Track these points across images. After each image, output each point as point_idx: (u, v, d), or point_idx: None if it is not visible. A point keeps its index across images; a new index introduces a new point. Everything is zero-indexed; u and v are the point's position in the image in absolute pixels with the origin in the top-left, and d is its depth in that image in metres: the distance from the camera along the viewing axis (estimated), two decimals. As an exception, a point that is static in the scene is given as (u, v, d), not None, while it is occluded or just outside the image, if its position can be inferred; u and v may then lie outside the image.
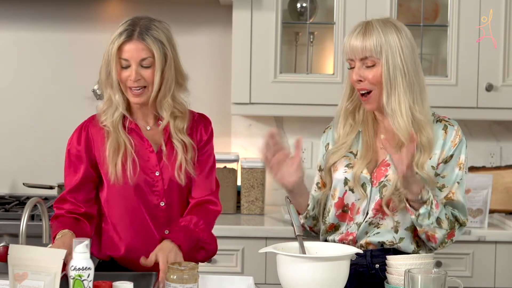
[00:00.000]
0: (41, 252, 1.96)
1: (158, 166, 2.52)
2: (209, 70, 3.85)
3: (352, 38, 2.36)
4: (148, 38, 2.46)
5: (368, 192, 2.40)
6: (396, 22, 2.40)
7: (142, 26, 2.48)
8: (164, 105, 2.52)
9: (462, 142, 2.41)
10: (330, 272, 2.12)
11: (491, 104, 3.55)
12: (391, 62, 2.33)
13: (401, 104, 2.33)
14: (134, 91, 2.47)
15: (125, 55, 2.45)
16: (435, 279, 2.02)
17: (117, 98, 2.50)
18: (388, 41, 2.33)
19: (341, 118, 2.48)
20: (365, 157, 2.42)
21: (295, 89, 3.56)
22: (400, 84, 2.33)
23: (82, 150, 2.52)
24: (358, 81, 2.36)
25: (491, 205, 3.50)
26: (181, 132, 2.54)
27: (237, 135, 3.87)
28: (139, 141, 2.53)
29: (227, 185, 3.65)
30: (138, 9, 3.81)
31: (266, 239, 3.31)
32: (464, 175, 2.41)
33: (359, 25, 2.39)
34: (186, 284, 2.04)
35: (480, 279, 3.36)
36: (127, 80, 2.46)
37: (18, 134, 3.88)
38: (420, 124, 2.35)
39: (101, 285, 2.09)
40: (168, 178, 2.52)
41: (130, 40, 2.45)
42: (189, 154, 2.54)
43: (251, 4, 3.53)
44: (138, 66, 2.45)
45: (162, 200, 2.52)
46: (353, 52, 2.35)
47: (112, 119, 2.51)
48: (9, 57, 3.86)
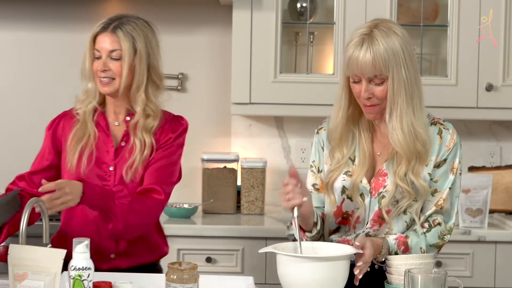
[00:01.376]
0: (41, 252, 1.96)
1: (114, 161, 2.58)
2: (209, 70, 3.85)
3: (359, 56, 2.27)
4: (120, 32, 2.56)
5: (366, 202, 2.39)
6: (395, 27, 2.34)
7: (120, 21, 2.59)
8: (137, 99, 2.58)
9: (457, 145, 2.40)
10: (330, 272, 2.12)
11: (491, 104, 3.54)
12: (396, 78, 2.28)
13: (402, 120, 2.30)
14: (102, 81, 2.56)
15: (97, 45, 2.57)
16: (435, 279, 2.02)
17: (90, 87, 2.59)
18: (394, 56, 2.27)
19: (342, 137, 2.41)
20: (363, 165, 2.39)
21: (295, 89, 3.56)
22: (403, 98, 2.30)
23: (49, 136, 2.64)
24: (368, 98, 2.32)
25: (491, 205, 3.50)
26: (146, 131, 2.58)
27: (237, 135, 3.87)
28: (103, 134, 2.61)
29: (227, 185, 3.65)
30: (138, 9, 3.81)
31: (266, 239, 3.31)
32: (457, 179, 2.40)
33: (361, 39, 2.29)
34: (186, 284, 2.04)
35: (480, 279, 3.36)
36: (97, 71, 2.56)
37: (18, 134, 3.88)
38: (419, 136, 2.33)
39: (101, 285, 2.09)
40: (120, 174, 2.57)
41: (103, 32, 2.57)
42: (144, 153, 2.57)
43: (251, 4, 3.53)
44: (107, 58, 2.55)
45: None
46: (361, 71, 2.28)
47: (85, 109, 2.60)
48: (9, 57, 3.86)
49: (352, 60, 2.29)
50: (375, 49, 2.27)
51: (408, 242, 2.34)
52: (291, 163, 3.84)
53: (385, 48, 2.27)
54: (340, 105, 2.40)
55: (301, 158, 3.84)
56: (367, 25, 2.33)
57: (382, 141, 2.43)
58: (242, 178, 3.65)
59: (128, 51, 2.54)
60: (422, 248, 2.36)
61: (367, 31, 2.30)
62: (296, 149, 3.86)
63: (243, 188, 3.64)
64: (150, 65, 2.59)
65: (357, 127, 2.42)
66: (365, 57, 2.27)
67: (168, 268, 2.07)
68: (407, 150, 2.32)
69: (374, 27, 2.31)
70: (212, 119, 3.86)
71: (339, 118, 2.40)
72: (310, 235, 2.39)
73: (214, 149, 3.83)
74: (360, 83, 2.32)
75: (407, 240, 2.34)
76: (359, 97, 2.33)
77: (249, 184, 3.64)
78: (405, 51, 2.30)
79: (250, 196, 3.64)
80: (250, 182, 3.64)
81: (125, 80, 2.55)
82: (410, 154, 2.32)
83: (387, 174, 2.38)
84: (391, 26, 2.33)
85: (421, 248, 2.36)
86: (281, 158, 3.86)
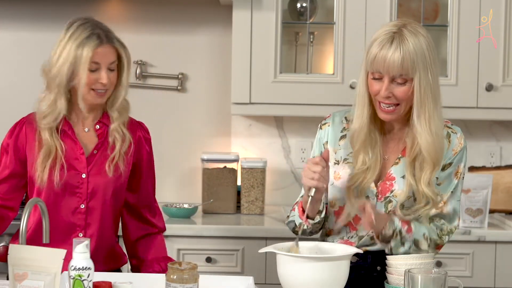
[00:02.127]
0: (41, 252, 1.96)
1: (86, 169, 2.54)
2: (209, 70, 3.85)
3: (388, 53, 2.24)
4: (117, 42, 2.53)
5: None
6: (421, 28, 2.30)
7: (103, 29, 2.52)
8: (118, 105, 2.56)
9: (463, 149, 2.39)
10: (330, 272, 2.12)
11: (491, 104, 3.54)
12: (424, 80, 2.26)
13: (431, 124, 2.28)
14: (98, 92, 2.51)
15: (96, 58, 2.48)
16: (435, 279, 2.02)
17: (62, 103, 2.52)
18: (422, 58, 2.25)
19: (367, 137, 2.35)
20: (375, 170, 2.36)
21: (295, 89, 3.56)
22: (430, 101, 2.28)
23: (11, 145, 2.58)
24: (388, 97, 2.29)
25: (491, 205, 3.50)
26: (123, 125, 2.57)
27: (237, 135, 3.87)
28: (70, 143, 2.55)
29: (227, 185, 3.65)
30: (138, 9, 3.81)
31: (266, 239, 3.31)
32: (460, 183, 2.40)
33: (390, 36, 2.25)
34: (186, 284, 2.04)
35: (480, 279, 3.35)
36: (95, 82, 2.49)
37: (18, 134, 3.87)
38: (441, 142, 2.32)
39: (101, 285, 2.09)
40: (94, 182, 2.54)
41: (102, 44, 2.49)
42: (124, 148, 2.56)
43: (251, 4, 3.53)
44: (107, 69, 2.51)
45: (83, 202, 2.55)
46: (387, 69, 2.25)
47: (52, 125, 2.53)
48: (9, 57, 3.86)
49: (379, 57, 2.25)
50: (405, 48, 2.24)
51: (411, 225, 2.32)
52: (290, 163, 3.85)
53: (414, 49, 2.24)
54: (363, 103, 2.35)
55: (301, 158, 3.84)
56: (395, 24, 2.30)
57: (389, 145, 2.40)
58: (242, 178, 3.65)
59: (126, 60, 2.54)
60: (426, 234, 2.33)
61: (396, 30, 2.27)
62: (296, 149, 3.86)
63: (243, 188, 3.64)
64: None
65: (376, 128, 2.38)
66: (394, 56, 2.24)
67: (168, 268, 2.07)
68: (434, 155, 2.29)
69: (402, 26, 2.28)
70: (212, 119, 3.86)
71: (364, 116, 2.35)
72: (313, 222, 2.37)
73: (214, 149, 3.83)
74: (380, 81, 2.28)
75: (410, 223, 2.33)
76: (377, 94, 2.29)
77: (249, 184, 3.64)
78: (431, 54, 2.28)
79: (250, 196, 3.64)
80: (250, 182, 3.64)
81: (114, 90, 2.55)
82: (436, 159, 2.30)
83: (395, 179, 2.36)
84: (417, 27, 2.30)
85: (424, 234, 2.33)
86: (281, 158, 3.86)
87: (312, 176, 2.24)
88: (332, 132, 2.46)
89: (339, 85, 3.54)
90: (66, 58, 2.49)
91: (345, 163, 2.41)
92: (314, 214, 2.37)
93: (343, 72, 3.53)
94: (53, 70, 2.52)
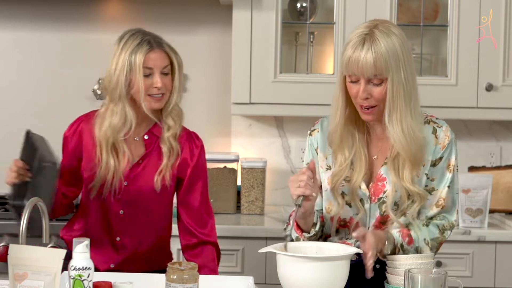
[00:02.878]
0: (41, 252, 1.96)
1: (129, 178, 2.60)
2: (209, 70, 3.85)
3: (361, 56, 2.25)
4: (166, 47, 2.59)
5: (366, 208, 2.39)
6: (394, 27, 2.32)
7: (152, 36, 2.59)
8: (172, 112, 2.62)
9: (452, 142, 2.39)
10: (330, 272, 2.12)
11: (491, 104, 3.54)
12: (396, 79, 2.27)
13: (402, 122, 2.29)
14: (155, 97, 2.56)
15: (148, 64, 2.54)
16: (435, 279, 2.02)
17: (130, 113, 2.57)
18: (394, 57, 2.26)
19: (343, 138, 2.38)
20: (361, 169, 2.37)
21: (295, 89, 3.56)
22: (402, 100, 2.28)
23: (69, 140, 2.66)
24: (366, 98, 2.30)
25: (491, 205, 3.50)
26: (173, 138, 2.62)
27: (237, 135, 3.87)
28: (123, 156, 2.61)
29: (227, 185, 3.65)
30: (138, 9, 3.81)
31: (266, 239, 3.31)
32: (455, 176, 2.40)
33: (361, 38, 2.27)
34: (186, 284, 2.04)
35: (480, 279, 3.35)
36: (150, 88, 2.55)
37: (18, 134, 3.86)
38: (416, 140, 2.32)
39: (101, 285, 2.09)
40: (134, 190, 2.61)
41: (152, 49, 2.55)
42: (171, 160, 2.62)
43: (251, 4, 3.53)
44: (160, 73, 2.56)
45: (123, 209, 2.61)
46: (362, 71, 2.26)
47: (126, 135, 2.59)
48: (9, 57, 3.86)
49: (352, 60, 2.27)
50: (377, 49, 2.25)
51: (412, 234, 2.33)
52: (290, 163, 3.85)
53: (386, 49, 2.26)
54: (337, 106, 2.38)
55: (301, 158, 3.84)
56: (366, 25, 2.32)
57: (377, 144, 2.41)
58: (242, 178, 3.65)
59: (177, 64, 2.60)
60: (426, 239, 2.34)
61: (367, 31, 2.29)
62: (296, 149, 3.86)
63: (243, 188, 3.64)
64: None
65: (356, 128, 2.40)
66: (366, 57, 2.25)
67: (168, 268, 2.07)
68: (409, 152, 2.30)
69: (374, 27, 2.29)
70: (212, 119, 3.86)
71: (337, 118, 2.37)
72: (308, 235, 2.38)
73: (214, 149, 3.83)
74: (357, 83, 2.30)
75: (410, 232, 2.34)
76: (356, 97, 2.31)
77: (249, 184, 3.64)
78: (404, 53, 2.29)
79: (250, 196, 3.64)
80: (250, 182, 3.64)
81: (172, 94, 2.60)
82: (412, 156, 2.31)
83: (386, 179, 2.37)
84: (390, 27, 2.32)
85: (425, 239, 2.34)
86: (281, 158, 3.86)
87: (298, 185, 2.26)
88: (321, 137, 2.47)
89: (339, 85, 3.54)
90: (121, 68, 2.55)
91: None
92: (309, 228, 2.38)
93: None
94: (112, 82, 2.57)
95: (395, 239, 2.32)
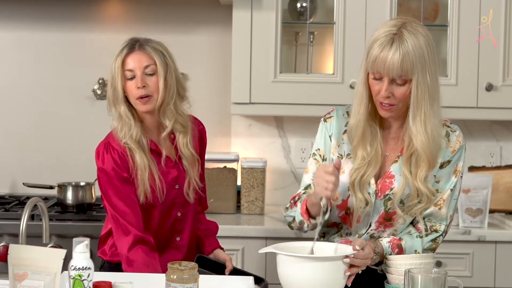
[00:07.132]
0: (41, 252, 1.96)
1: (178, 181, 2.66)
2: (209, 70, 3.85)
3: (388, 56, 2.24)
4: (148, 47, 2.58)
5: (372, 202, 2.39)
6: (421, 27, 2.30)
7: (141, 40, 2.61)
8: (167, 112, 2.60)
9: (462, 148, 2.40)
10: (330, 272, 2.12)
11: (491, 104, 3.55)
12: (421, 81, 2.26)
13: (426, 124, 2.29)
14: (141, 100, 2.56)
15: (128, 66, 2.56)
16: (435, 279, 2.02)
17: (123, 111, 2.58)
18: (420, 59, 2.25)
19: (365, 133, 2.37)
20: (376, 165, 2.38)
21: (295, 89, 3.56)
22: (427, 102, 2.29)
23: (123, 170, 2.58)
24: (387, 97, 2.30)
25: (491, 205, 3.50)
26: (186, 147, 2.65)
27: (237, 135, 3.87)
28: (157, 157, 2.62)
29: (227, 185, 3.65)
30: (138, 9, 3.82)
31: (266, 239, 3.31)
32: (458, 182, 2.41)
33: (390, 38, 2.26)
34: (186, 284, 2.04)
35: (480, 279, 3.35)
36: (133, 89, 2.56)
37: (18, 134, 3.87)
38: (438, 142, 2.33)
39: (101, 285, 2.09)
40: (183, 190, 2.66)
41: (132, 52, 2.57)
42: (195, 169, 2.69)
43: (251, 4, 3.53)
44: (142, 74, 2.56)
45: (179, 210, 2.67)
46: (387, 71, 2.25)
47: (132, 136, 2.58)
48: (9, 57, 3.86)
49: (379, 59, 2.26)
50: (405, 50, 2.24)
51: (402, 245, 2.35)
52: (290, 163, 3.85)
53: (413, 50, 2.25)
54: (361, 101, 2.37)
55: (301, 158, 3.84)
56: (394, 24, 2.30)
57: (391, 142, 2.42)
58: (242, 178, 3.65)
59: (161, 64, 2.57)
60: (417, 250, 2.36)
61: (395, 31, 2.27)
62: (296, 149, 3.86)
63: (243, 188, 3.64)
64: (177, 78, 2.64)
65: (377, 124, 2.40)
66: (394, 58, 2.24)
67: (168, 268, 2.07)
68: (429, 153, 2.31)
69: (402, 27, 2.28)
70: (212, 119, 3.86)
71: (361, 114, 2.37)
72: (314, 221, 2.38)
73: (214, 149, 3.83)
74: (380, 81, 2.29)
75: (401, 243, 2.35)
76: (377, 94, 2.31)
77: (249, 184, 3.64)
78: (430, 54, 2.28)
79: (250, 196, 3.64)
80: (250, 182, 3.64)
81: (162, 94, 2.57)
82: (431, 157, 2.32)
83: (394, 176, 2.37)
84: (417, 27, 2.30)
85: (416, 251, 2.36)
86: (281, 158, 3.86)
87: (326, 186, 2.25)
88: (337, 125, 2.47)
89: (339, 85, 3.54)
90: (111, 78, 2.59)
91: (348, 158, 2.42)
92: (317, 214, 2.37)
93: (343, 72, 3.53)
94: (109, 93, 2.60)
95: (384, 250, 2.33)
